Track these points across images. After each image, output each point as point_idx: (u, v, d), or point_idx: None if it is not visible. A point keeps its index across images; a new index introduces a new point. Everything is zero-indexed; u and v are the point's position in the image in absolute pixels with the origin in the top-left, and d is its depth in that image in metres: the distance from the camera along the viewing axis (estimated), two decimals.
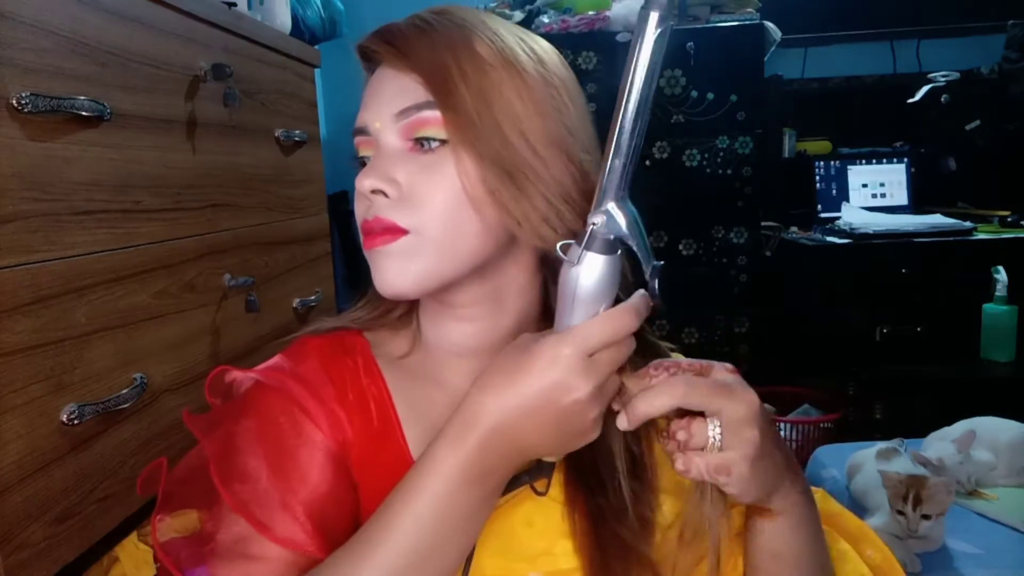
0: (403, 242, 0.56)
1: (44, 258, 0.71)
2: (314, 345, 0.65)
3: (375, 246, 0.57)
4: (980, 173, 2.56)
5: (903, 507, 1.19)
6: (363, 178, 0.56)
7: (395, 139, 0.58)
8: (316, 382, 0.62)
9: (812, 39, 2.65)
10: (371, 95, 0.59)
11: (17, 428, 0.67)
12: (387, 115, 0.57)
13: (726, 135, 2.24)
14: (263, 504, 0.56)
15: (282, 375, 0.62)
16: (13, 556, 0.66)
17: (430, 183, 0.56)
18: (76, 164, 0.77)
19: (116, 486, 0.80)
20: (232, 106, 1.10)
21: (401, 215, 0.56)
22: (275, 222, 1.26)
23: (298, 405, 0.60)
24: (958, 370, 2.14)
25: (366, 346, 0.66)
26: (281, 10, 1.43)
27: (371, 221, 0.56)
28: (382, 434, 0.62)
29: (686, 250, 2.29)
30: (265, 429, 0.59)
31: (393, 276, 0.56)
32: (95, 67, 0.80)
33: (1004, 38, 2.50)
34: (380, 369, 0.65)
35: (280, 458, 0.58)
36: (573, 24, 2.22)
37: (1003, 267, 2.07)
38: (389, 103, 0.58)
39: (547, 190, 0.57)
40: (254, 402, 0.61)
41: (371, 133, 0.59)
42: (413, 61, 0.57)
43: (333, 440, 0.60)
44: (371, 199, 0.57)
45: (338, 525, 0.58)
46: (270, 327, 1.23)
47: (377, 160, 0.57)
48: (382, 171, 0.56)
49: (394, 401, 0.63)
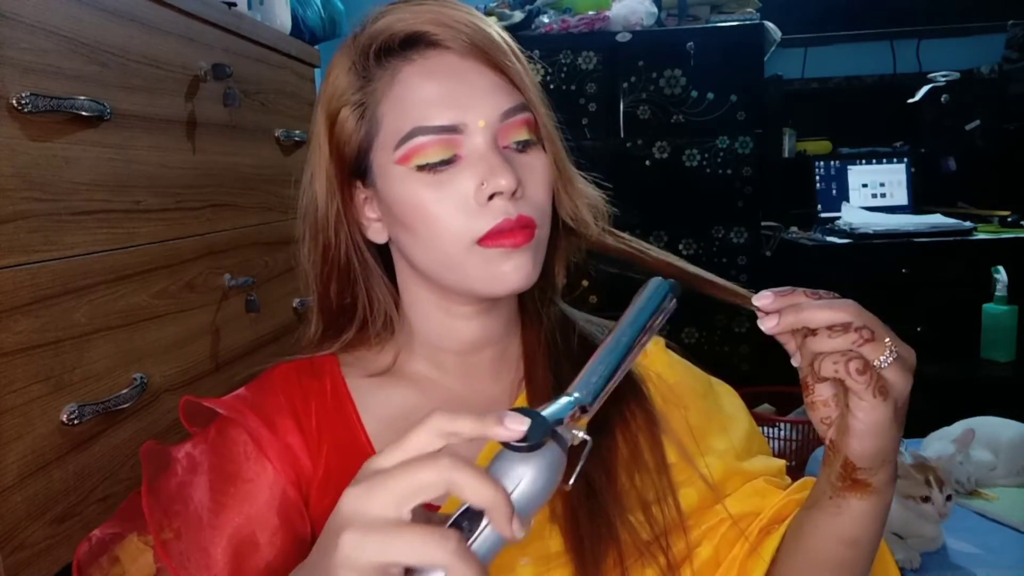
0: (536, 236, 0.58)
1: (44, 258, 0.71)
2: (281, 372, 0.65)
3: (521, 243, 0.56)
4: (980, 173, 2.56)
5: (930, 492, 1.19)
6: (500, 177, 0.55)
7: (491, 138, 0.57)
8: (273, 415, 0.61)
9: (812, 39, 2.65)
10: (464, 89, 0.57)
11: (17, 428, 0.67)
12: (493, 114, 0.57)
13: (726, 135, 2.24)
14: (186, 537, 0.56)
15: (242, 407, 0.61)
16: (13, 556, 0.66)
17: (537, 181, 0.59)
18: (76, 164, 0.77)
19: (116, 486, 0.80)
20: (232, 106, 1.10)
21: (530, 211, 0.57)
22: (275, 222, 1.26)
23: (253, 439, 0.60)
24: (958, 370, 2.13)
25: (336, 367, 0.66)
26: (281, 10, 1.43)
27: (515, 220, 0.56)
28: (350, 455, 0.61)
29: (686, 250, 2.29)
30: (215, 461, 0.59)
31: (531, 269, 0.58)
32: (95, 67, 0.80)
33: (1004, 38, 2.50)
34: (349, 390, 0.65)
35: (221, 491, 0.58)
36: (573, 24, 2.22)
37: (1003, 267, 2.07)
38: (492, 101, 0.57)
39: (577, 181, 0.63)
40: (215, 432, 0.61)
41: (465, 132, 0.57)
42: (502, 60, 0.57)
43: (284, 476, 0.59)
44: (504, 200, 0.56)
45: (259, 564, 0.57)
46: (270, 327, 1.23)
47: (495, 158, 0.56)
48: (511, 169, 0.56)
49: (364, 421, 0.63)
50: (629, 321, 0.49)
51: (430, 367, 0.66)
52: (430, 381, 0.65)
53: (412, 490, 0.37)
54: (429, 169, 0.57)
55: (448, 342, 0.65)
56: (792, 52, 2.66)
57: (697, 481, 0.64)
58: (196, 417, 0.63)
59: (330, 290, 0.66)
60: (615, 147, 2.23)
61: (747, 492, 0.66)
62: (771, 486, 0.67)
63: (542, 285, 0.65)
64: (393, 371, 0.66)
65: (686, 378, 0.70)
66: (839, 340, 0.48)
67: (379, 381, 0.65)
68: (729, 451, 0.67)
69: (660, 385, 0.67)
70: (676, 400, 0.67)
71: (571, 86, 2.21)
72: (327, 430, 0.62)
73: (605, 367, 0.46)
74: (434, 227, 0.57)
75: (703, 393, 0.70)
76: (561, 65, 2.20)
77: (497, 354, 0.66)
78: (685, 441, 0.65)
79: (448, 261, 0.58)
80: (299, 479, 0.60)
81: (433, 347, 0.65)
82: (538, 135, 0.60)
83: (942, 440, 1.42)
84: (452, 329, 0.64)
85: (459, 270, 0.58)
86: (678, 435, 0.65)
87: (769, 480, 0.67)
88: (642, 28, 2.24)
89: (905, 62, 2.69)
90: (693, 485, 0.64)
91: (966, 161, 2.55)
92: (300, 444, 0.61)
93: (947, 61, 2.61)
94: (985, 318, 2.12)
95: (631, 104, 2.22)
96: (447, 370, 0.65)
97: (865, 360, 0.47)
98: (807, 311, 0.49)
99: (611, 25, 2.22)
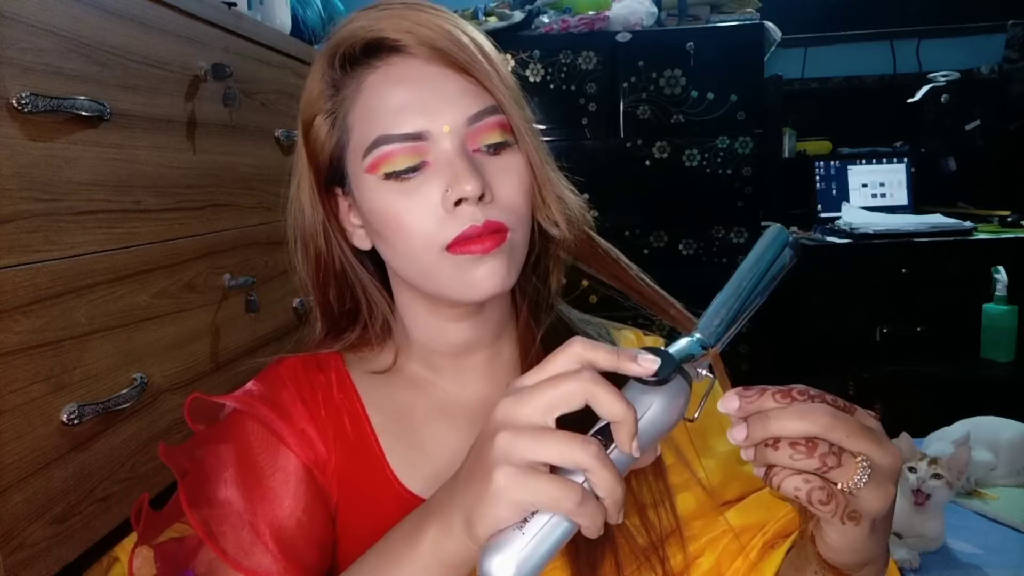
0: (508, 241, 0.57)
1: (44, 258, 0.71)
2: (287, 365, 0.65)
3: (489, 249, 0.55)
4: (980, 173, 2.56)
5: (916, 464, 1.19)
6: (465, 183, 0.54)
7: (460, 143, 0.56)
8: (286, 404, 0.62)
9: (812, 39, 2.65)
10: (427, 95, 0.56)
11: (17, 428, 0.67)
12: (459, 119, 0.56)
13: (726, 135, 2.24)
14: (233, 534, 0.56)
15: (252, 400, 0.62)
16: (13, 556, 0.66)
17: (511, 184, 0.57)
18: (76, 164, 0.77)
19: (116, 486, 0.80)
20: (232, 106, 1.10)
21: (500, 215, 0.56)
22: (275, 222, 1.25)
23: (270, 429, 0.60)
24: (958, 370, 2.14)
25: (340, 363, 0.66)
26: (281, 10, 1.43)
27: (480, 226, 0.55)
28: (358, 446, 0.62)
29: (686, 250, 2.29)
30: (239, 456, 0.59)
31: (504, 274, 0.56)
32: (95, 67, 0.80)
33: (1004, 38, 2.50)
34: (354, 383, 0.65)
35: (252, 485, 0.58)
36: (573, 24, 2.22)
37: (1003, 267, 2.07)
38: (457, 106, 0.56)
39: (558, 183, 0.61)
40: (228, 428, 0.62)
41: (430, 139, 0.56)
42: (464, 61, 0.56)
43: (306, 460, 0.60)
44: (471, 205, 0.55)
45: (309, 548, 0.58)
46: (270, 327, 1.23)
47: (461, 164, 0.55)
48: (476, 174, 0.55)
49: (369, 413, 0.64)
50: (749, 266, 0.49)
51: (425, 368, 0.66)
52: (427, 382, 0.66)
53: (558, 399, 0.42)
54: (396, 177, 0.56)
55: (439, 344, 0.65)
56: (792, 52, 2.66)
57: (696, 486, 0.63)
58: (200, 415, 0.63)
59: (329, 296, 0.66)
60: (615, 147, 2.23)
61: (752, 503, 0.65)
62: (775, 498, 0.65)
63: (536, 287, 0.65)
64: (394, 370, 0.66)
65: None
66: (801, 462, 0.42)
67: (382, 378, 0.66)
68: (730, 453, 0.66)
69: None
70: None
71: (571, 86, 2.21)
72: (334, 421, 0.63)
73: (727, 310, 0.47)
74: (405, 235, 0.57)
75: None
76: (561, 65, 2.20)
77: (490, 356, 0.66)
78: (683, 445, 0.65)
79: (422, 269, 0.58)
80: (317, 461, 0.61)
81: (426, 349, 0.65)
82: (513, 137, 0.58)
83: (942, 440, 1.42)
84: (442, 331, 0.64)
85: (433, 278, 0.58)
86: (676, 439, 0.64)
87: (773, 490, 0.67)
88: (642, 28, 2.24)
89: (905, 62, 2.69)
90: (691, 490, 0.63)
91: (966, 161, 2.55)
92: (313, 430, 0.62)
93: (947, 61, 2.62)
94: (985, 318, 2.12)
95: (631, 104, 2.22)
96: (440, 371, 0.66)
97: (829, 488, 0.42)
98: (775, 423, 0.42)
99: (611, 25, 2.22)
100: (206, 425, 0.63)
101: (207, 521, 0.56)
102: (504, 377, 0.66)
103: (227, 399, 0.62)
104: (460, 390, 0.66)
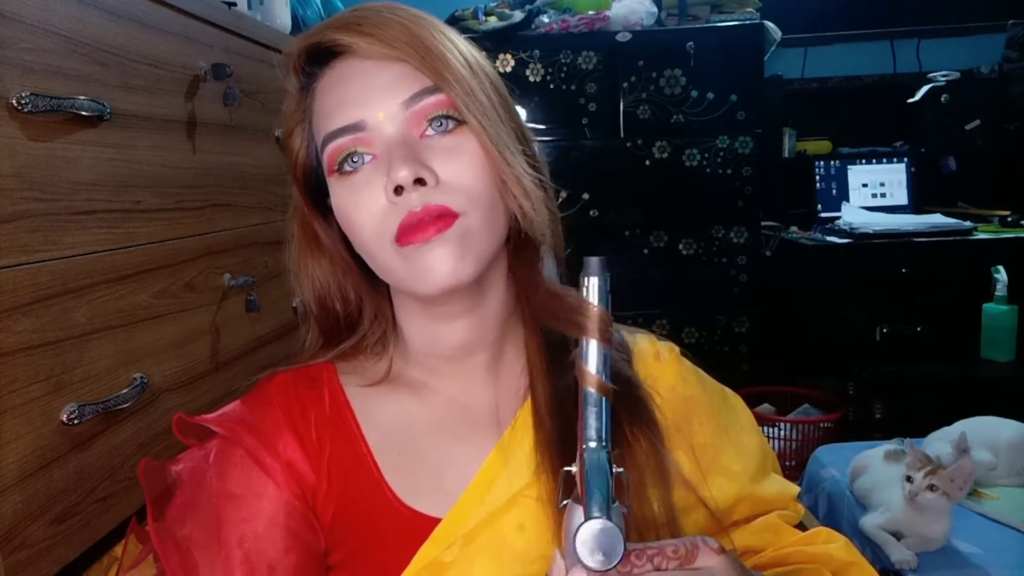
0: (458, 225, 0.54)
1: (44, 258, 0.71)
2: (277, 383, 0.64)
3: (432, 236, 0.53)
4: (980, 173, 2.56)
5: (914, 474, 1.19)
6: (399, 169, 0.52)
7: (403, 129, 0.55)
8: (272, 431, 0.60)
9: (812, 39, 2.66)
10: (359, 88, 0.56)
11: (17, 428, 0.67)
12: (392, 105, 0.55)
13: (726, 135, 2.24)
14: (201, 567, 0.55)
15: (236, 426, 0.60)
16: (13, 556, 0.66)
17: (461, 165, 0.55)
18: (76, 164, 0.77)
19: (116, 486, 0.80)
20: (232, 106, 1.10)
21: (447, 199, 0.54)
22: (275, 222, 1.26)
23: (252, 458, 0.59)
24: (958, 370, 2.14)
25: (334, 375, 0.64)
26: (281, 10, 1.43)
27: (419, 212, 0.53)
28: (353, 468, 0.61)
29: (686, 250, 2.29)
30: (214, 483, 0.58)
31: (456, 261, 0.53)
32: (95, 67, 0.80)
33: (1004, 38, 2.50)
34: (348, 399, 0.63)
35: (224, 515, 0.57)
36: (573, 24, 2.22)
37: (1003, 267, 2.07)
38: (391, 92, 0.55)
39: (529, 164, 0.58)
40: (213, 453, 0.60)
41: (368, 128, 0.55)
42: (401, 48, 0.55)
43: (290, 492, 0.59)
44: (409, 192, 0.53)
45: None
46: (270, 327, 1.23)
47: (398, 150, 0.54)
48: (414, 159, 0.53)
49: (365, 431, 0.62)
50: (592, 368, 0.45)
51: (425, 373, 0.64)
52: (428, 388, 0.64)
53: None
54: (342, 174, 0.56)
55: (436, 347, 0.63)
56: (792, 52, 2.66)
57: (701, 507, 0.62)
58: (191, 429, 0.62)
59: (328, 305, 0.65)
60: (615, 147, 2.23)
61: (759, 527, 0.65)
62: (785, 524, 0.65)
63: (534, 280, 0.63)
64: (391, 378, 0.64)
65: (699, 391, 0.67)
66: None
67: (378, 389, 0.64)
68: (743, 473, 0.65)
69: (671, 398, 0.64)
70: (688, 415, 0.65)
71: (571, 86, 2.21)
72: (327, 441, 0.61)
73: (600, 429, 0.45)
74: (358, 233, 0.56)
75: (717, 407, 0.68)
76: (561, 65, 2.20)
77: (491, 359, 0.63)
78: (690, 469, 0.63)
79: (382, 266, 0.57)
80: (304, 492, 0.59)
81: (424, 353, 0.64)
82: (473, 114, 0.55)
83: (942, 440, 1.42)
84: (438, 333, 0.62)
85: (392, 274, 0.57)
86: (684, 465, 0.63)
87: (783, 515, 0.66)
88: (642, 28, 2.24)
89: (905, 62, 2.69)
90: (700, 511, 0.62)
91: (966, 161, 2.55)
92: (301, 458, 0.60)
93: (947, 61, 2.62)
94: (985, 318, 2.13)
95: (631, 104, 2.22)
96: (441, 376, 0.64)
97: None
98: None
99: (611, 25, 2.22)
100: (197, 440, 0.62)
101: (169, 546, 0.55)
102: (509, 380, 0.64)
103: (211, 422, 0.60)
104: (464, 396, 0.64)
